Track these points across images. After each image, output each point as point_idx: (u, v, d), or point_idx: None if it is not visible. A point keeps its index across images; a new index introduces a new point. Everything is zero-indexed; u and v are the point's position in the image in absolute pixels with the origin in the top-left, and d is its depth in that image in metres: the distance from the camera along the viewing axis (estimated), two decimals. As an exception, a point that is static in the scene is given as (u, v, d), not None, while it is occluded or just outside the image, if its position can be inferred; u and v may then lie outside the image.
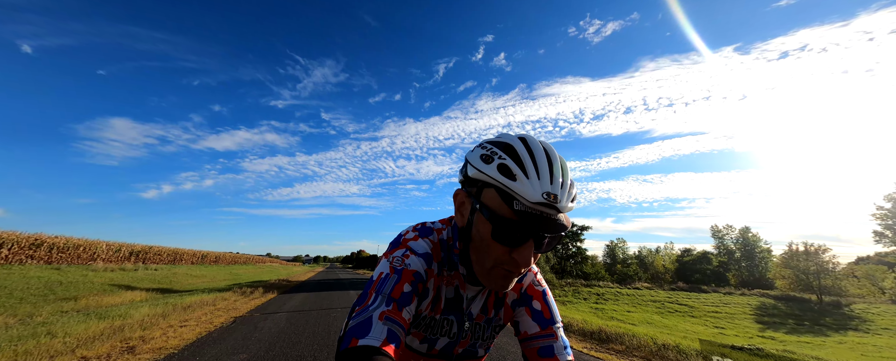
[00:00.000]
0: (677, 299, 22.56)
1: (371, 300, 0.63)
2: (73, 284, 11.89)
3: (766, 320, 18.96)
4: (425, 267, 0.73)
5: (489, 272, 0.68)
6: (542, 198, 0.59)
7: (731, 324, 17.09)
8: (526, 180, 0.61)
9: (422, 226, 0.83)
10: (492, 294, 0.84)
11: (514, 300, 0.86)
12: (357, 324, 0.59)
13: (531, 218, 0.60)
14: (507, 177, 0.63)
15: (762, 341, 12.93)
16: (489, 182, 0.65)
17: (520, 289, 0.86)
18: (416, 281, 0.69)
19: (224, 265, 36.72)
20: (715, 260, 46.71)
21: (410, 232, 0.81)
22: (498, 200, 0.63)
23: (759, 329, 16.62)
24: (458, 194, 0.74)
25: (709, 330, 15.19)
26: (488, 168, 0.65)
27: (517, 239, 0.63)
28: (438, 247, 0.79)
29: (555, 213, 0.61)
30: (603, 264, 64.97)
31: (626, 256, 63.97)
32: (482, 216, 0.66)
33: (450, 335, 0.82)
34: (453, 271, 0.79)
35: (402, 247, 0.75)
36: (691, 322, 17.15)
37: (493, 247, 0.65)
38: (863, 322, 20.29)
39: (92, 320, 5.76)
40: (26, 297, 9.18)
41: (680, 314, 19.02)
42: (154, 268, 21.04)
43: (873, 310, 23.56)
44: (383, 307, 0.61)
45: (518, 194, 0.61)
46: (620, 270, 59.32)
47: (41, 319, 6.27)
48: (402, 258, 0.72)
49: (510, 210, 0.61)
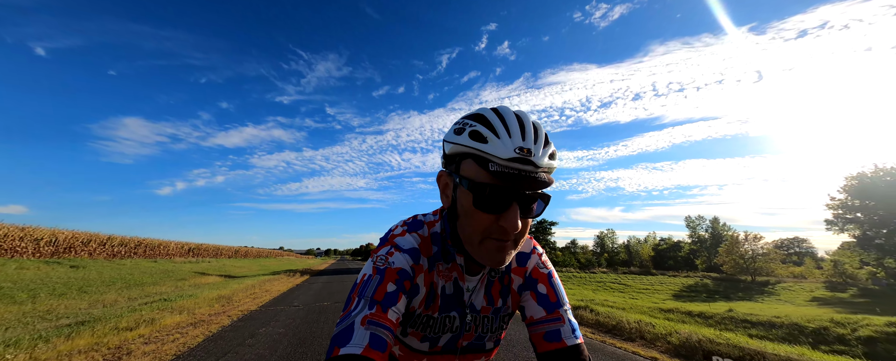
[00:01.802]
0: (620, 280, 27.86)
1: (353, 305, 0.62)
2: (173, 271, 17.76)
3: (683, 294, 24.14)
4: (411, 264, 0.71)
5: (481, 247, 0.65)
6: (514, 153, 0.59)
7: (647, 297, 22.34)
8: (497, 139, 0.61)
9: (412, 220, 0.81)
10: (495, 282, 0.81)
11: (520, 284, 0.82)
12: (339, 332, 0.57)
13: (508, 177, 0.58)
14: (479, 142, 0.62)
15: (654, 311, 18.08)
16: (464, 152, 0.64)
17: (524, 273, 0.82)
18: (401, 279, 0.67)
19: (252, 258, 43.09)
20: (686, 248, 51.60)
21: (399, 227, 0.79)
22: (474, 167, 0.63)
23: (667, 298, 21.84)
24: (441, 175, 0.73)
25: (619, 299, 20.49)
26: (461, 138, 0.65)
27: (500, 204, 0.61)
28: (429, 241, 0.77)
29: (532, 169, 0.60)
30: (592, 253, 70.46)
31: (616, 245, 69.25)
32: (463, 189, 0.65)
33: (452, 330, 0.79)
34: (450, 262, 0.77)
35: (388, 244, 0.74)
36: (613, 295, 22.49)
37: (477, 217, 0.63)
38: (765, 295, 25.33)
39: (211, 290, 11.40)
40: (157, 280, 14.96)
41: (611, 290, 24.33)
42: (207, 261, 27.08)
43: (789, 286, 28.63)
44: (366, 311, 0.60)
45: (491, 154, 0.60)
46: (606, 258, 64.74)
47: (180, 292, 11.96)
48: (386, 256, 0.70)
49: (487, 174, 0.60)
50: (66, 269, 13.00)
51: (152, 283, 13.00)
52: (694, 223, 54.46)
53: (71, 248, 16.04)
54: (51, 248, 14.95)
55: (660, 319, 7.88)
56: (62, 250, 15.57)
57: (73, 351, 3.72)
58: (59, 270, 12.53)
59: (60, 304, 7.20)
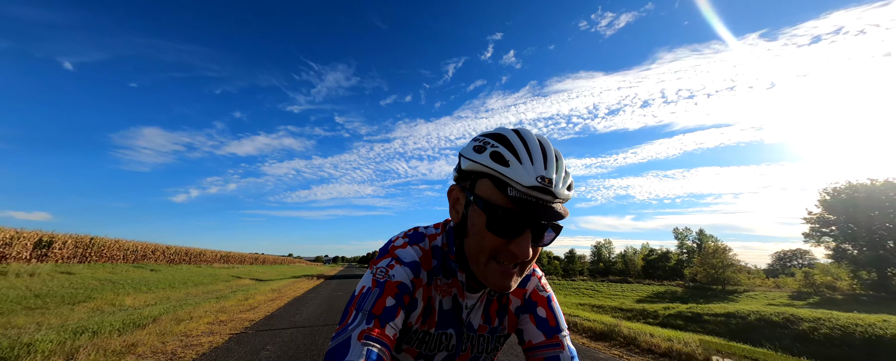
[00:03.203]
0: (595, 287, 31.36)
1: (351, 318, 0.60)
2: (216, 275, 22.23)
3: (646, 299, 27.50)
4: (411, 277, 0.70)
5: (486, 269, 0.64)
6: (536, 182, 0.58)
7: (609, 300, 25.89)
8: (519, 165, 0.60)
9: (414, 232, 0.80)
10: (494, 301, 0.80)
11: (518, 306, 0.81)
12: (335, 346, 0.56)
13: (526, 205, 0.58)
14: (500, 164, 0.61)
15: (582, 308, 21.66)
16: (482, 172, 0.64)
17: (523, 295, 0.81)
18: (400, 293, 0.66)
19: (269, 264, 47.76)
20: (674, 258, 54.30)
21: (400, 239, 0.78)
22: (492, 188, 0.62)
23: (626, 302, 25.31)
24: (452, 189, 0.72)
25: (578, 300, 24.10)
26: (481, 157, 0.64)
27: (513, 229, 0.60)
28: (430, 254, 0.75)
29: (551, 199, 0.60)
30: (589, 262, 73.15)
31: (613, 255, 71.86)
32: (476, 208, 0.64)
33: (448, 348, 0.76)
34: (451, 278, 0.75)
35: (388, 256, 0.72)
36: (579, 297, 26.06)
37: (488, 239, 0.62)
38: (725, 301, 28.42)
39: (260, 287, 15.71)
40: (209, 281, 19.37)
41: (582, 294, 27.90)
42: (235, 267, 31.68)
43: (754, 295, 31.64)
44: (363, 326, 0.58)
45: (512, 179, 0.59)
46: (602, 267, 67.49)
47: (230, 288, 16.32)
48: (386, 269, 0.69)
49: (505, 197, 0.60)
50: (147, 272, 17.54)
51: (209, 283, 17.39)
52: (682, 235, 57.17)
53: (145, 256, 20.75)
54: (133, 255, 19.65)
55: (587, 312, 11.28)
56: (140, 257, 20.27)
57: (224, 308, 7.98)
58: (144, 273, 17.07)
59: (178, 292, 11.57)
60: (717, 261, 35.47)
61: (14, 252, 12.80)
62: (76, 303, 8.91)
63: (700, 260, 38.09)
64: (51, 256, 14.29)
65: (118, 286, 11.85)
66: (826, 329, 10.34)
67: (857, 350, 9.43)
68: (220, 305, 8.33)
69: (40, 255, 13.73)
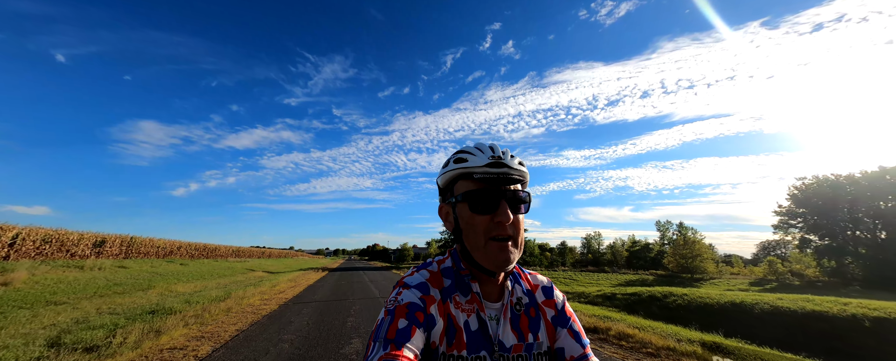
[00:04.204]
0: (573, 276, 34.64)
1: (370, 350, 0.63)
2: (233, 268, 25.34)
3: (618, 285, 30.71)
4: (420, 295, 0.73)
5: (486, 250, 0.73)
6: (489, 160, 0.76)
7: (582, 287, 29.11)
8: (474, 157, 0.78)
9: (422, 263, 0.87)
10: (523, 316, 0.80)
11: (554, 316, 0.83)
12: None
13: (490, 180, 0.74)
14: (462, 163, 0.78)
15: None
16: (453, 176, 0.79)
17: (555, 305, 0.85)
18: (411, 312, 0.69)
19: (275, 258, 51.00)
20: (655, 249, 57.76)
21: (408, 271, 0.85)
22: (464, 182, 0.78)
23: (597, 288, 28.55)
24: (441, 208, 0.85)
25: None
26: (448, 168, 0.80)
27: (490, 203, 0.74)
28: (439, 275, 0.81)
29: (507, 170, 0.75)
30: (580, 254, 76.80)
31: (602, 247, 75.41)
32: (460, 203, 0.77)
33: None
34: (468, 295, 0.77)
35: (397, 287, 0.77)
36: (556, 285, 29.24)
37: (477, 221, 0.74)
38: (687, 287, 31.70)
39: (276, 278, 18.80)
40: (232, 274, 22.42)
41: (558, 283, 31.10)
42: (246, 260, 34.80)
43: (717, 282, 34.94)
44: (380, 352, 0.61)
45: (472, 166, 0.76)
46: (591, 258, 71.11)
47: (250, 278, 19.42)
48: (395, 297, 0.73)
49: (474, 182, 0.76)
50: (178, 266, 20.58)
51: (230, 275, 20.44)
52: (664, 227, 60.51)
53: (171, 252, 23.82)
54: (163, 252, 22.72)
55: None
56: (167, 253, 23.34)
57: (262, 291, 10.99)
58: (176, 266, 20.12)
59: (211, 282, 14.61)
60: (687, 252, 38.78)
61: (79, 250, 15.81)
62: (146, 290, 11.91)
63: (672, 251, 41.43)
64: (104, 253, 17.30)
65: (165, 277, 14.85)
66: (706, 302, 13.36)
67: (716, 315, 12.56)
68: (258, 290, 11.37)
69: (97, 252, 16.75)
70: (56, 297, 9.01)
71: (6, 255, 12.53)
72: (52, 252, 14.57)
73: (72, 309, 7.26)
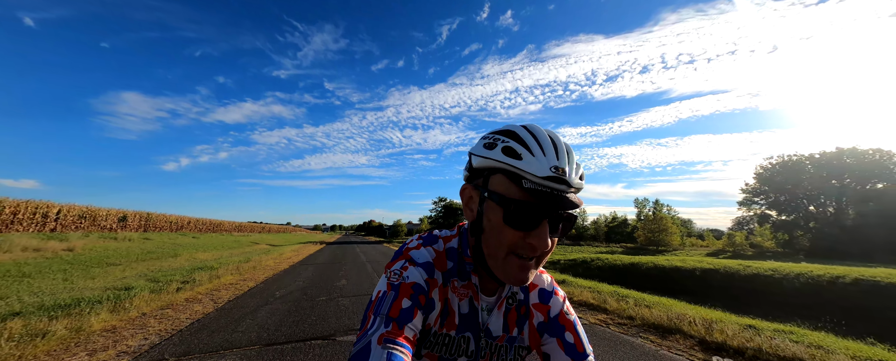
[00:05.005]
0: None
1: (370, 323, 0.61)
2: (239, 241, 28.00)
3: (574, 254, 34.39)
4: (426, 277, 0.70)
5: (505, 263, 0.65)
6: (550, 172, 0.60)
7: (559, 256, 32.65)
8: (532, 157, 0.62)
9: (428, 234, 0.82)
10: (512, 310, 0.80)
11: (541, 322, 0.80)
12: (357, 352, 0.57)
13: (542, 196, 0.60)
14: (513, 158, 0.63)
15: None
16: (495, 167, 0.66)
17: (547, 312, 0.81)
18: (416, 294, 0.66)
19: (274, 233, 53.99)
20: (631, 225, 61.91)
21: (414, 241, 0.80)
22: (506, 182, 0.64)
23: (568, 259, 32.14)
24: (465, 189, 0.74)
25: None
26: (493, 153, 0.66)
27: (531, 221, 0.61)
28: (444, 256, 0.77)
29: (565, 188, 0.62)
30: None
31: (586, 223, 79.84)
32: (492, 203, 0.65)
33: (467, 353, 0.76)
34: (466, 280, 0.76)
35: (402, 258, 0.73)
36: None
37: (505, 233, 0.63)
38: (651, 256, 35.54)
39: (281, 247, 21.55)
40: (239, 246, 25.14)
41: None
42: (249, 235, 37.60)
43: (678, 252, 38.77)
44: (382, 330, 0.59)
45: (526, 171, 0.61)
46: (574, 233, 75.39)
47: (257, 250, 22.17)
48: (400, 271, 0.69)
49: (520, 190, 0.62)
50: (190, 239, 23.21)
51: (237, 247, 23.15)
52: (641, 204, 64.37)
53: (182, 226, 26.39)
54: (174, 226, 25.28)
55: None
56: (178, 227, 25.91)
57: (273, 258, 13.68)
58: (189, 239, 22.74)
59: (225, 252, 17.27)
60: (655, 226, 42.48)
61: (108, 224, 18.29)
62: (174, 256, 14.51)
63: (642, 225, 45.17)
64: (127, 227, 19.80)
65: (185, 248, 17.43)
66: (621, 264, 16.51)
67: (635, 274, 15.67)
68: (270, 256, 14.06)
69: (122, 226, 19.24)
70: (110, 260, 11.57)
71: (53, 228, 14.96)
72: (87, 226, 17.00)
73: (129, 269, 9.81)
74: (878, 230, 33.64)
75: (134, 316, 4.31)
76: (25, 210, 13.86)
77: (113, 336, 3.61)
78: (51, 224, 14.85)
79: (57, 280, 7.69)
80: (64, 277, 8.15)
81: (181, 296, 5.71)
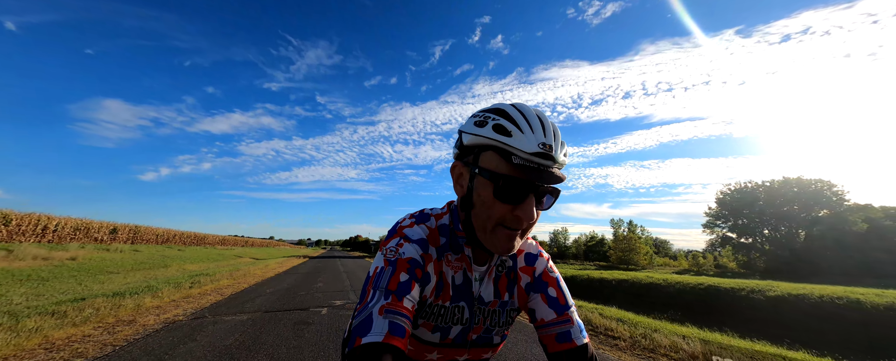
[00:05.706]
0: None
1: (370, 296, 0.64)
2: (223, 254, 28.85)
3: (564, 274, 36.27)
4: (421, 253, 0.75)
5: (493, 235, 0.70)
6: (538, 148, 0.64)
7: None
8: (520, 134, 0.66)
9: (419, 213, 0.85)
10: (502, 276, 0.85)
11: (528, 283, 0.86)
12: (359, 323, 0.61)
13: (530, 171, 0.64)
14: (503, 135, 0.66)
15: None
16: (486, 144, 0.69)
17: (533, 273, 0.86)
18: (412, 268, 0.70)
19: (257, 247, 54.10)
20: (606, 245, 64.65)
21: (407, 219, 0.83)
22: (496, 158, 0.67)
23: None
24: (455, 166, 0.77)
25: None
26: (483, 131, 0.69)
27: (519, 195, 0.66)
28: (437, 232, 0.81)
29: (551, 164, 0.66)
30: (547, 247, 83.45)
31: (568, 242, 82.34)
32: (482, 179, 0.69)
33: (462, 321, 0.81)
34: (459, 253, 0.80)
35: (397, 236, 0.77)
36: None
37: (496, 207, 0.67)
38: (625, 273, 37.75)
39: (266, 260, 22.75)
40: (224, 259, 26.06)
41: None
42: (232, 248, 38.14)
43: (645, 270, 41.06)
44: (382, 301, 0.63)
45: (515, 148, 0.64)
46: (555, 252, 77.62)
47: (242, 262, 23.30)
48: (396, 247, 0.73)
49: (509, 166, 0.66)
50: (176, 251, 24.10)
51: (222, 260, 24.16)
52: (617, 225, 67.49)
53: (167, 239, 27.20)
54: (160, 239, 26.13)
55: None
56: (164, 240, 26.73)
57: (260, 269, 15.12)
58: (175, 251, 23.66)
59: (211, 264, 18.47)
60: (625, 246, 45.10)
61: (100, 236, 19.33)
62: (165, 267, 15.74)
63: (614, 245, 47.76)
64: (117, 238, 20.79)
65: (173, 259, 18.52)
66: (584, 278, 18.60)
67: (594, 288, 17.81)
68: (256, 267, 15.48)
69: (112, 238, 20.24)
70: (108, 269, 12.85)
71: (51, 239, 16.06)
72: (80, 237, 18.05)
73: (129, 277, 11.19)
74: (824, 252, 37.08)
75: (168, 301, 6.02)
76: (28, 223, 15.02)
77: (162, 310, 5.33)
78: (49, 235, 15.96)
79: (72, 284, 9.10)
80: (77, 281, 9.55)
81: (194, 291, 7.40)
